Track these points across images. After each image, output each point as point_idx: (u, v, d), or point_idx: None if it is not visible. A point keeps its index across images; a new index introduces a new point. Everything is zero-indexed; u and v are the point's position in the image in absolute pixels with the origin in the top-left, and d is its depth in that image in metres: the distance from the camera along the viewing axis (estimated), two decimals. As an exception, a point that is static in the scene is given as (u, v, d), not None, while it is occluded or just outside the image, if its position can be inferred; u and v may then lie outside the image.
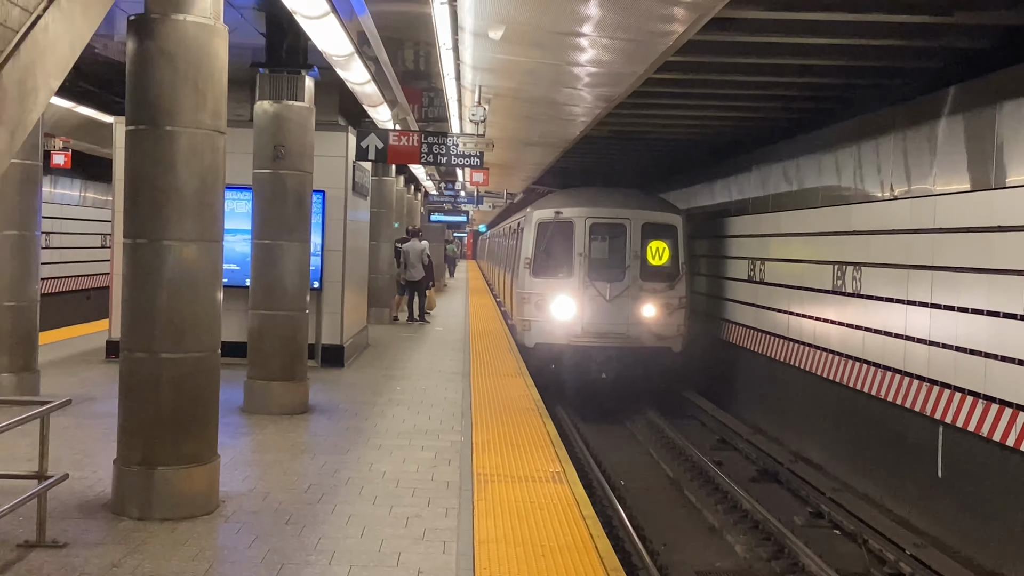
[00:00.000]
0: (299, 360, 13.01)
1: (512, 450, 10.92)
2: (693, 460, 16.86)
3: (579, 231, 20.55)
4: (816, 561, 11.37)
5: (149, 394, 8.13)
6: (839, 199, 16.07)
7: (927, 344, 12.84)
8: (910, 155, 13.76)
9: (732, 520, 13.63)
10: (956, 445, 12.13)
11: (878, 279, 14.38)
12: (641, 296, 20.23)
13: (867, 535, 12.54)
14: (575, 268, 20.40)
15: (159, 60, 8.10)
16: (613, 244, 20.90)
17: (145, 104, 8.13)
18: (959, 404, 11.95)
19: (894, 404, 13.69)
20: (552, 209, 20.96)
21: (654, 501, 14.83)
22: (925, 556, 11.59)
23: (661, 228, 20.77)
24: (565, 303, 20.21)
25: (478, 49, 11.28)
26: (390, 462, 10.25)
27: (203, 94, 8.19)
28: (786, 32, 12.02)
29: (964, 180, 12.19)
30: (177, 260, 8.12)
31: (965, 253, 11.97)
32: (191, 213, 8.16)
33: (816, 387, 16.79)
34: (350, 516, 8.29)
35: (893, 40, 11.98)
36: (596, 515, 8.68)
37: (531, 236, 20.93)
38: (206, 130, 8.22)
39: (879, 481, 14.25)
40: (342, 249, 17.14)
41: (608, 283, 20.24)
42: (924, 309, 12.94)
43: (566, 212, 20.75)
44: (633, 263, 20.40)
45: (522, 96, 14.86)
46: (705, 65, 13.48)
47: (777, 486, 15.79)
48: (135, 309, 8.20)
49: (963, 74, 12.75)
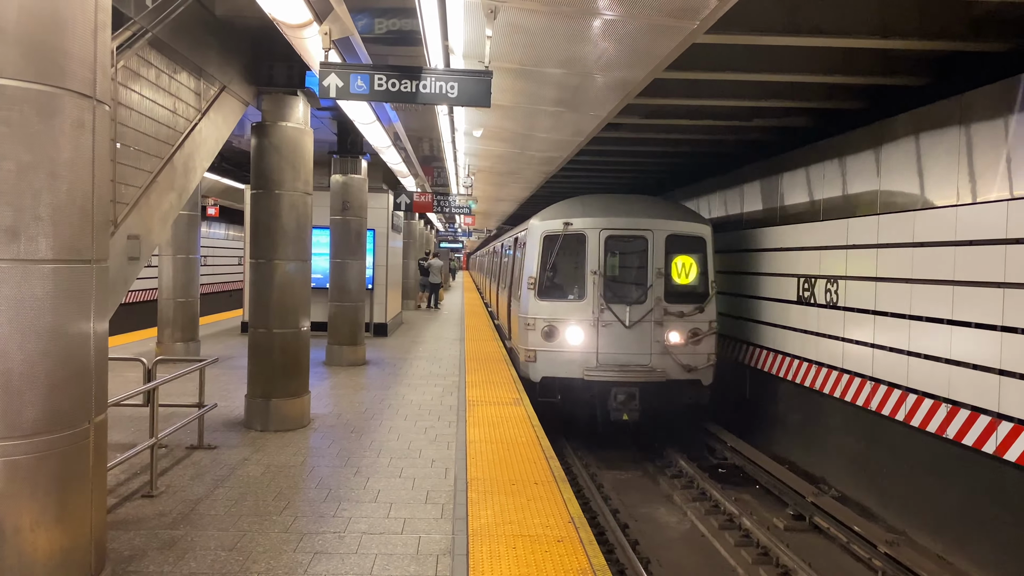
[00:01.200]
0: (359, 332, 12.93)
1: (489, 386, 10.88)
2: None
3: (592, 245, 11.82)
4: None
5: (266, 354, 8.11)
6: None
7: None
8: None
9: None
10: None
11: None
12: (666, 320, 11.68)
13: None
14: (588, 289, 11.75)
15: (270, 150, 8.08)
16: (632, 260, 12.19)
17: (262, 176, 8.11)
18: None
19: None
20: (560, 220, 12.06)
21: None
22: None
23: (688, 241, 12.02)
24: (577, 330, 11.71)
25: (466, 142, 11.26)
26: (415, 394, 10.22)
27: (297, 171, 8.18)
28: (657, 129, 12.15)
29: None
30: (282, 272, 8.10)
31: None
32: (291, 243, 8.14)
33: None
34: (391, 427, 8.29)
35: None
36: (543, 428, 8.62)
37: (535, 252, 12.08)
38: (299, 192, 8.20)
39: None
40: (385, 265, 17.04)
41: (627, 306, 11.69)
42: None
43: (577, 223, 11.98)
44: (656, 282, 11.72)
45: (495, 171, 14.80)
46: (614, 140, 13.25)
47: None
48: (257, 302, 8.17)
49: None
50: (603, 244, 11.82)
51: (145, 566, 4.61)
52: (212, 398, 8.50)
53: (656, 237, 11.78)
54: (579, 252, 11.90)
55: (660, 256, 11.76)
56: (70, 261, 3.52)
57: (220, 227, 31.43)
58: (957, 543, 7.88)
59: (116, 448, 6.60)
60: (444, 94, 5.60)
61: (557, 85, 7.47)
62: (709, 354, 11.62)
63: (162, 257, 12.91)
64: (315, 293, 10.80)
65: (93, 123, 3.61)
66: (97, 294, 3.70)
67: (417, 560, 4.80)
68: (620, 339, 11.61)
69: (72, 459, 3.56)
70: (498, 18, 5.35)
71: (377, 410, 9.15)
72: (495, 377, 11.65)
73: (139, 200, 5.77)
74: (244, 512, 5.56)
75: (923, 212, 8.65)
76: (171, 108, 6.31)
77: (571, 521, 5.42)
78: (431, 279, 26.27)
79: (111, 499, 5.73)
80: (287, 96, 8.10)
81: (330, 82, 5.61)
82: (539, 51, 6.37)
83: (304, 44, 6.08)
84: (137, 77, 5.75)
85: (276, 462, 6.86)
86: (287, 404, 8.12)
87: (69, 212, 3.50)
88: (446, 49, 6.12)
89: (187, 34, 6.43)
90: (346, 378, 11.42)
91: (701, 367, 11.59)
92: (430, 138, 13.63)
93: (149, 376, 6.31)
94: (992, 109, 7.59)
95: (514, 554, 4.84)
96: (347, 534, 5.20)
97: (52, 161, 3.43)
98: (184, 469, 6.59)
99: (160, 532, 5.14)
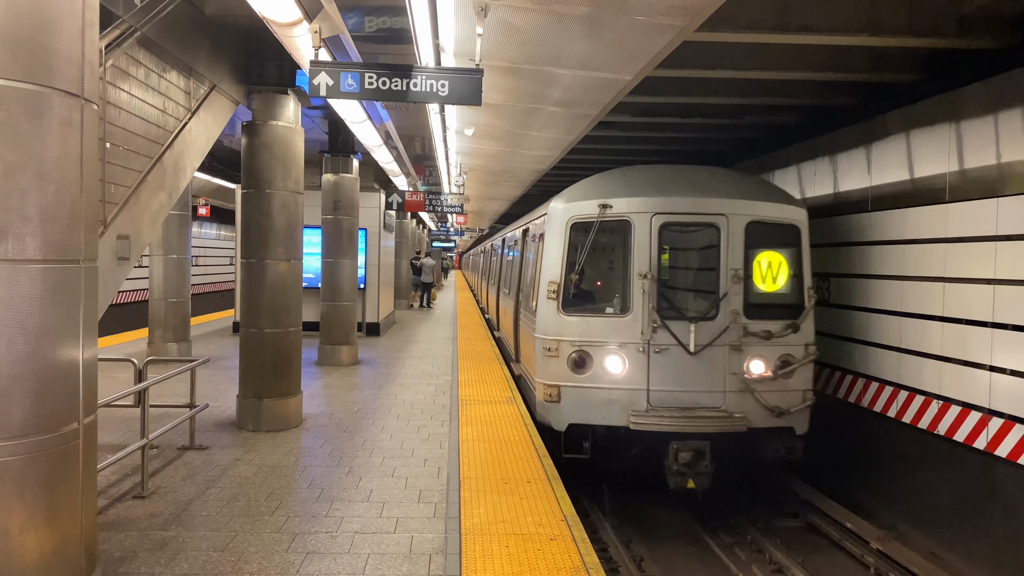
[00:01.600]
0: (351, 332, 12.91)
1: (482, 384, 10.86)
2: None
3: (642, 236, 8.01)
4: None
5: (257, 354, 8.09)
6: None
7: None
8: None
9: None
10: None
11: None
12: (746, 344, 7.90)
13: None
14: (635, 298, 7.98)
15: (261, 149, 8.06)
16: (697, 258, 8.31)
17: (253, 176, 8.09)
18: None
19: None
20: (595, 201, 8.22)
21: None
22: None
23: (776, 231, 8.23)
24: (620, 358, 7.93)
25: (458, 141, 11.25)
26: (408, 393, 10.21)
27: (288, 170, 8.15)
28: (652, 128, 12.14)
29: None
30: (274, 271, 8.07)
31: None
32: (282, 243, 8.12)
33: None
34: (383, 427, 8.28)
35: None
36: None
37: (559, 246, 8.30)
38: (290, 192, 8.18)
39: None
40: (377, 264, 16.98)
41: (691, 323, 7.90)
42: None
43: (618, 205, 8.09)
44: (733, 289, 7.94)
45: (486, 169, 14.80)
46: (606, 138, 12.98)
47: None
48: (249, 301, 8.14)
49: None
50: (656, 235, 8.01)
51: (136, 567, 4.59)
52: (204, 398, 8.47)
53: (732, 225, 8.01)
54: (622, 247, 8.18)
55: (738, 252, 7.99)
56: (59, 261, 3.50)
57: (211, 227, 31.32)
58: None
59: (107, 449, 6.57)
60: (435, 92, 5.59)
61: (548, 83, 7.47)
62: (805, 391, 8.02)
63: (153, 257, 12.87)
64: (307, 293, 10.74)
65: (81, 122, 3.59)
66: (86, 294, 3.68)
67: (410, 559, 4.79)
68: (682, 371, 7.86)
69: (61, 460, 3.54)
70: (488, 16, 5.34)
71: (370, 409, 9.13)
72: (488, 376, 11.64)
73: (129, 200, 5.74)
74: (236, 512, 5.54)
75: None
76: (161, 107, 6.28)
77: (564, 519, 5.42)
78: (423, 278, 26.33)
79: (102, 500, 5.71)
80: (277, 95, 8.07)
81: (320, 81, 5.60)
82: (530, 49, 6.37)
83: (294, 43, 6.06)
84: (126, 76, 5.72)
85: (268, 462, 6.84)
86: (279, 404, 8.10)
87: (57, 212, 3.47)
88: (437, 47, 6.11)
89: (176, 33, 6.40)
90: (338, 378, 11.40)
91: (794, 409, 7.89)
92: (421, 137, 13.61)
93: (140, 377, 6.28)
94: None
95: (507, 553, 4.84)
96: (339, 534, 5.19)
97: (40, 161, 3.40)
98: (175, 470, 6.57)
99: (151, 533, 5.12)
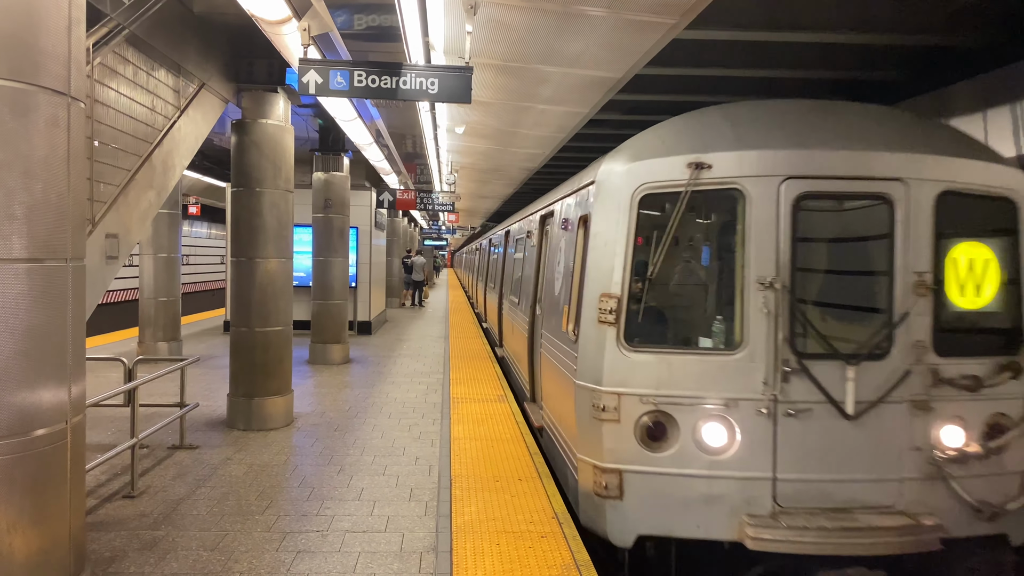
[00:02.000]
0: (343, 331, 12.88)
1: (474, 383, 10.87)
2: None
3: (764, 217, 3.66)
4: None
5: (248, 353, 8.06)
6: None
7: None
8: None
9: None
10: None
11: None
12: (937, 398, 3.54)
13: None
14: (753, 324, 3.69)
15: (251, 147, 8.03)
16: (853, 255, 3.93)
17: (243, 174, 8.06)
18: None
19: None
20: (681, 157, 3.72)
21: None
22: None
23: (982, 209, 3.70)
24: (724, 426, 3.71)
25: (449, 139, 11.26)
26: (399, 392, 10.20)
27: (278, 168, 8.13)
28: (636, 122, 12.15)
29: None
30: (264, 270, 8.05)
31: None
32: (272, 241, 8.10)
33: None
34: (374, 425, 8.27)
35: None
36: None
37: (618, 235, 3.84)
38: (280, 190, 8.15)
39: None
40: (369, 263, 16.93)
41: (849, 365, 3.60)
42: None
43: (723, 164, 3.65)
44: (917, 307, 3.64)
45: (477, 167, 14.83)
46: (595, 136, 12.82)
47: None
48: (239, 300, 8.12)
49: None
50: (789, 214, 4.33)
51: (126, 567, 4.58)
52: (194, 398, 8.45)
53: (915, 197, 4.37)
54: (726, 236, 4.57)
55: (924, 243, 4.38)
56: (46, 260, 3.48)
57: (202, 225, 31.22)
58: None
59: (96, 449, 6.55)
60: (424, 90, 5.59)
61: (539, 81, 7.48)
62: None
63: (143, 256, 12.81)
64: (298, 291, 10.77)
65: (68, 120, 3.57)
66: (74, 293, 3.67)
67: (401, 557, 4.80)
68: (833, 446, 4.32)
69: (49, 460, 3.53)
70: (478, 14, 5.35)
71: (361, 408, 9.12)
72: (479, 374, 11.64)
73: (117, 198, 5.72)
74: (226, 512, 5.53)
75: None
76: (149, 105, 6.26)
77: (555, 517, 5.43)
78: (414, 276, 26.26)
79: (91, 500, 5.68)
80: (267, 93, 8.05)
81: (309, 78, 5.59)
82: (520, 47, 6.37)
83: (283, 40, 6.04)
84: (114, 74, 5.70)
85: (259, 461, 6.83)
86: (270, 403, 8.08)
87: (44, 211, 3.46)
88: (426, 45, 6.11)
89: (165, 31, 6.37)
90: (329, 376, 11.38)
91: (1012, 504, 4.34)
92: (412, 135, 13.61)
93: (130, 376, 6.26)
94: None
95: (498, 550, 4.85)
96: (330, 532, 5.19)
97: (26, 159, 3.38)
98: (165, 469, 6.55)
99: (141, 533, 5.11)
